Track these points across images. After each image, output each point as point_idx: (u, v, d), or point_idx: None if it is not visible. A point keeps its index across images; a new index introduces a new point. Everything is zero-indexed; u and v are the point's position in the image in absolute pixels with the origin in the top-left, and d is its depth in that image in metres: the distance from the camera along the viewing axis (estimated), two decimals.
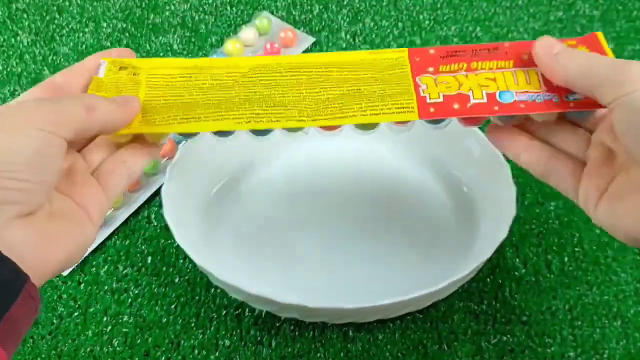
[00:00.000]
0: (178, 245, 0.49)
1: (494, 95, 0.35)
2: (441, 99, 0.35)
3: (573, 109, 0.34)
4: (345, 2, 0.70)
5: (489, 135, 0.38)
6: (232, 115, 0.35)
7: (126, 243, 0.50)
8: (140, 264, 0.49)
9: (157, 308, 0.47)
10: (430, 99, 0.35)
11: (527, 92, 0.35)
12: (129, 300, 0.47)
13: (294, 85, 0.36)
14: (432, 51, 0.37)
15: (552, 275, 0.48)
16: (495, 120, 0.37)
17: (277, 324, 0.46)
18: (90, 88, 0.35)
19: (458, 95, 0.35)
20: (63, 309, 0.47)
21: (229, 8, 0.70)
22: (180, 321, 0.46)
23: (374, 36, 0.66)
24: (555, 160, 0.36)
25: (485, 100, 0.35)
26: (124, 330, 0.46)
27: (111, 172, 0.34)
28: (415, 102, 0.35)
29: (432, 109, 0.34)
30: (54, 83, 0.34)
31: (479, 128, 0.48)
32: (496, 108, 0.34)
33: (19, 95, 0.61)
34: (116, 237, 0.51)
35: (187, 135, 0.36)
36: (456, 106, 0.35)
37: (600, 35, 0.36)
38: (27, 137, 0.28)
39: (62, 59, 0.64)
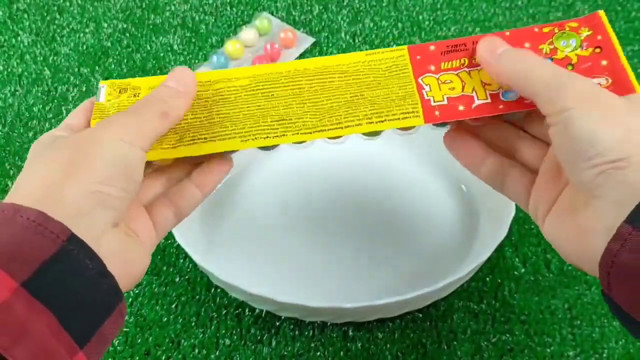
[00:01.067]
0: (178, 245, 0.49)
1: (498, 95, 0.35)
2: (445, 102, 0.35)
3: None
4: (345, 3, 0.70)
5: (445, 142, 0.37)
6: (237, 134, 0.34)
7: None
8: None
9: (157, 307, 0.47)
10: (434, 101, 0.35)
11: None
12: (130, 299, 0.47)
13: (296, 95, 0.35)
14: (432, 47, 0.36)
15: (551, 275, 0.48)
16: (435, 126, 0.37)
17: (277, 323, 0.46)
18: (94, 116, 0.35)
19: (462, 97, 0.35)
20: None
21: (229, 8, 0.70)
22: (180, 320, 0.46)
23: (373, 36, 0.67)
24: (511, 170, 0.35)
25: (489, 100, 0.35)
26: (125, 329, 0.46)
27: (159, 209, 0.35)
28: (420, 106, 0.35)
29: (437, 112, 0.34)
30: (70, 126, 0.34)
31: None
32: (501, 107, 0.34)
33: (19, 95, 0.61)
34: None
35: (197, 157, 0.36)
36: (461, 108, 0.34)
37: (602, 14, 0.35)
38: (116, 148, 0.29)
39: (63, 59, 0.65)
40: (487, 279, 0.48)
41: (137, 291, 0.48)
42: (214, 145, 0.34)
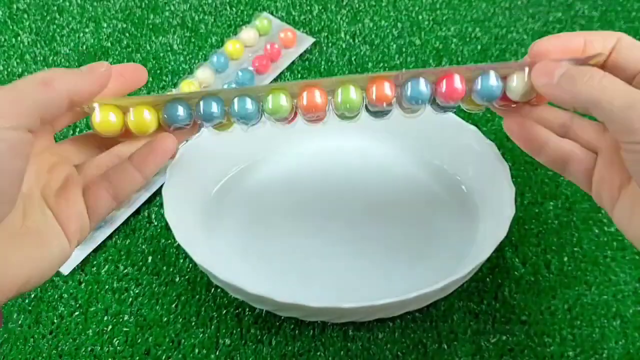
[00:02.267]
0: (178, 245, 0.49)
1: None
2: None
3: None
4: (344, 3, 0.70)
5: (505, 127, 0.36)
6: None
7: (127, 242, 0.50)
8: (140, 264, 0.49)
9: (157, 307, 0.47)
10: None
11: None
12: (130, 299, 0.47)
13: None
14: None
15: (551, 275, 0.48)
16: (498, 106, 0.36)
17: (278, 323, 0.46)
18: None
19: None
20: (64, 309, 0.47)
21: (228, 8, 0.70)
22: (180, 320, 0.46)
23: (373, 36, 0.67)
24: (571, 154, 0.34)
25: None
26: (125, 329, 0.46)
27: (97, 193, 0.33)
28: None
29: None
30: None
31: (476, 126, 0.48)
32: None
33: None
34: (117, 236, 0.51)
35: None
36: None
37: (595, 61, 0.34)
38: None
39: (63, 59, 0.65)
40: (487, 279, 0.48)
41: (137, 291, 0.48)
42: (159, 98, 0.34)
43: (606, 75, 0.29)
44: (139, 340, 0.45)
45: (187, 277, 0.48)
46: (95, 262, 0.49)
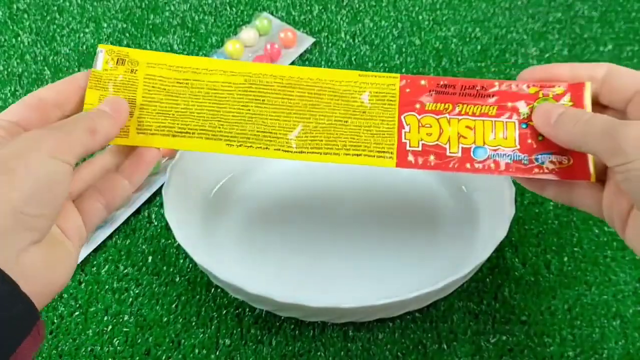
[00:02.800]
0: (178, 245, 0.49)
1: (469, 150, 0.36)
2: (420, 148, 0.36)
3: (536, 175, 0.35)
4: (344, 3, 0.70)
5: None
6: (224, 136, 0.35)
7: (127, 242, 0.50)
8: (140, 264, 0.49)
9: (157, 307, 0.47)
10: (410, 145, 0.36)
11: (499, 148, 0.36)
12: (130, 299, 0.47)
13: (285, 105, 0.36)
14: (423, 82, 0.37)
15: (551, 275, 0.48)
16: None
17: (278, 323, 0.46)
18: (90, 85, 0.35)
19: (435, 147, 0.36)
20: (64, 309, 0.47)
21: (228, 8, 0.70)
22: (181, 320, 0.46)
23: (373, 36, 0.67)
24: (577, 184, 0.35)
25: (459, 154, 0.36)
26: (125, 329, 0.46)
27: (90, 204, 0.34)
28: (396, 147, 0.36)
29: (410, 158, 0.36)
30: (39, 99, 0.33)
31: None
32: (468, 166, 0.35)
33: (20, 95, 0.61)
34: (117, 236, 0.51)
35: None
36: (432, 158, 0.36)
37: (588, 86, 0.35)
38: (43, 165, 0.28)
39: (63, 59, 0.65)
40: (487, 279, 0.48)
41: (137, 291, 0.48)
42: (200, 143, 0.35)
43: (591, 113, 0.33)
44: (139, 341, 0.45)
45: (187, 277, 0.48)
46: (95, 262, 0.49)
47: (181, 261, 0.49)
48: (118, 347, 0.45)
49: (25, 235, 0.27)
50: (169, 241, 0.50)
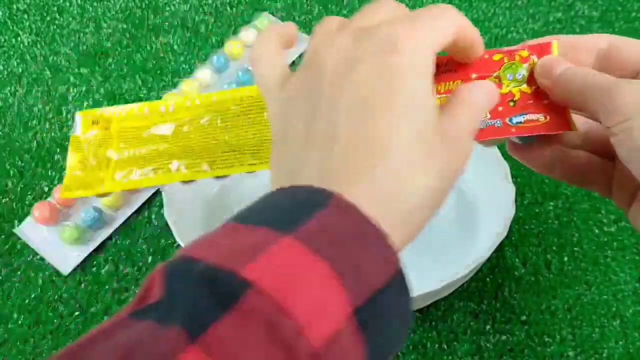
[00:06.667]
0: (178, 245, 0.49)
1: None
2: None
3: (515, 134, 0.33)
4: (345, 3, 0.70)
5: (511, 152, 0.36)
6: (191, 165, 0.37)
7: (127, 243, 0.50)
8: (140, 264, 0.49)
9: None
10: None
11: None
12: (130, 299, 0.47)
13: (250, 124, 0.38)
14: None
15: (551, 275, 0.48)
16: (514, 139, 0.35)
17: None
18: (70, 149, 0.38)
19: None
20: (64, 309, 0.47)
21: (229, 9, 0.70)
22: None
23: None
24: (587, 164, 0.33)
25: None
26: None
27: None
28: None
29: None
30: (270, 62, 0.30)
31: None
32: None
33: (19, 95, 0.61)
34: (117, 236, 0.51)
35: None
36: None
37: (555, 45, 0.33)
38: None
39: (63, 59, 0.65)
40: (487, 279, 0.48)
41: (137, 291, 0.48)
42: (168, 176, 0.37)
43: (595, 71, 0.30)
44: None
45: None
46: (95, 262, 0.49)
47: None
48: None
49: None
50: (169, 241, 0.50)
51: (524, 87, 0.33)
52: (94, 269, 0.49)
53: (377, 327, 0.22)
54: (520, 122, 0.32)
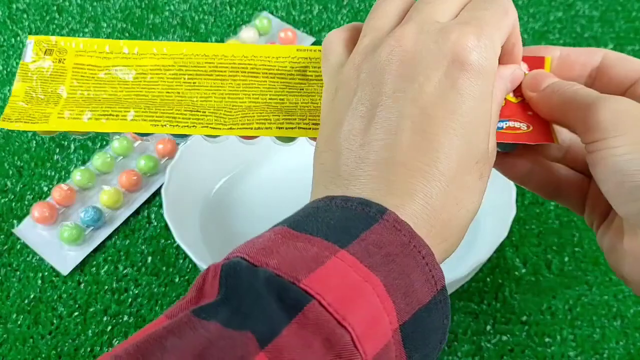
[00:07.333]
0: (178, 245, 0.49)
1: None
2: None
3: (497, 140, 0.31)
4: (345, 2, 0.70)
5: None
6: (149, 117, 0.34)
7: (126, 243, 0.50)
8: (140, 264, 0.49)
9: (157, 308, 0.47)
10: None
11: None
12: (129, 300, 0.47)
13: (217, 87, 0.35)
14: None
15: (551, 275, 0.48)
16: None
17: None
18: (18, 77, 0.34)
19: None
20: (63, 309, 0.47)
21: (228, 8, 0.70)
22: None
23: None
24: (563, 179, 0.33)
25: None
26: (124, 330, 0.46)
27: None
28: None
29: None
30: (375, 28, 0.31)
31: None
32: None
33: None
34: (116, 236, 0.51)
35: (105, 133, 0.35)
36: None
37: (548, 61, 0.33)
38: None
39: None
40: (488, 279, 0.48)
41: (136, 291, 0.48)
42: (122, 124, 0.34)
43: (580, 86, 0.29)
44: None
45: (186, 277, 0.48)
46: (94, 263, 0.49)
47: (180, 261, 0.49)
48: None
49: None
50: (169, 241, 0.50)
51: (510, 96, 0.32)
52: (93, 269, 0.49)
53: (418, 342, 0.23)
54: (502, 128, 0.32)
